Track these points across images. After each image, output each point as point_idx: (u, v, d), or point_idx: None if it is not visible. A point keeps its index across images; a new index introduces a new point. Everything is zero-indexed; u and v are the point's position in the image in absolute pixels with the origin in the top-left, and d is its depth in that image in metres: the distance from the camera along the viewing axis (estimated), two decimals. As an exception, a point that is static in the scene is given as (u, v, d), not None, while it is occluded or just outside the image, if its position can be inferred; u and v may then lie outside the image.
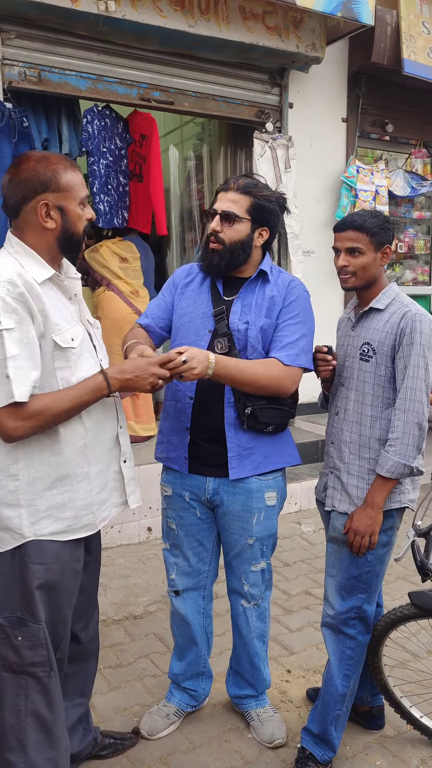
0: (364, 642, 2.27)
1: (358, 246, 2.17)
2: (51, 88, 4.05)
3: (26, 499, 1.78)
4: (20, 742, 1.82)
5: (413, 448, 2.11)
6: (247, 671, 2.49)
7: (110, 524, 4.10)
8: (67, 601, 1.90)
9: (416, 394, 2.11)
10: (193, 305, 2.29)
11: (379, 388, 2.19)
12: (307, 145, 5.29)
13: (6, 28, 3.83)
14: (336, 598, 2.25)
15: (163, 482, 2.42)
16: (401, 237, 6.18)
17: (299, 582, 3.73)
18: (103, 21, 3.92)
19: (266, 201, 2.19)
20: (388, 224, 2.21)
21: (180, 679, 2.52)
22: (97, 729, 2.32)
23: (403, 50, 4.99)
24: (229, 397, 2.20)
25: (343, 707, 2.27)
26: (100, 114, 4.68)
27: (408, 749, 2.41)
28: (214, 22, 4.25)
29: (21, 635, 1.80)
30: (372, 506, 2.15)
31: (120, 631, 3.18)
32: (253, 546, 2.33)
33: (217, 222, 2.18)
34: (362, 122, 5.62)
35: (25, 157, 1.81)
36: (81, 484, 1.86)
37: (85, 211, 1.85)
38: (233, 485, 2.26)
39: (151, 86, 4.44)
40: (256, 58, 4.69)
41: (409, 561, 2.21)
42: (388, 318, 2.19)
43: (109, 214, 4.83)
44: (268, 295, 2.24)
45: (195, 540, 2.38)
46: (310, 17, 4.60)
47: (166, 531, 2.45)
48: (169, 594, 2.49)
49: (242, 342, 2.20)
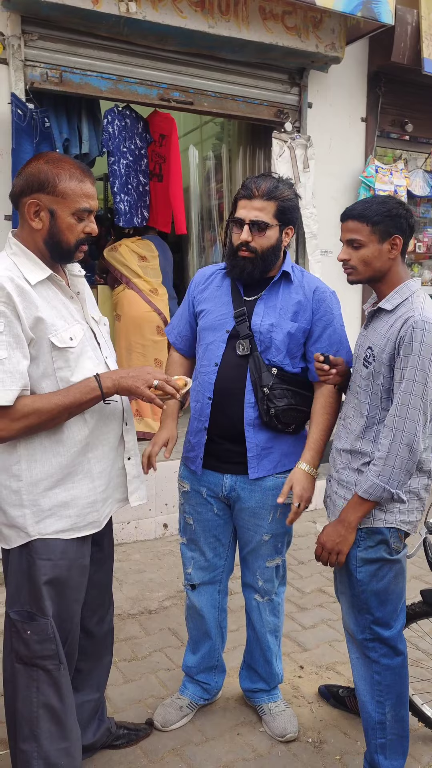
0: (392, 666, 2.08)
1: (356, 237, 1.99)
2: (72, 88, 4.09)
3: (29, 500, 1.80)
4: (33, 733, 1.85)
5: (399, 472, 1.89)
6: (259, 665, 2.51)
7: (126, 520, 4.14)
8: (74, 597, 1.92)
9: (409, 412, 1.88)
10: (213, 306, 2.31)
11: (377, 398, 2.00)
12: (326, 145, 5.29)
13: (29, 30, 3.87)
14: (350, 617, 2.13)
15: (181, 478, 2.46)
16: (420, 237, 6.14)
17: (313, 580, 3.74)
18: (124, 22, 3.96)
19: (289, 201, 2.20)
20: (399, 211, 1.98)
21: (193, 671, 2.55)
22: (111, 720, 2.36)
23: (424, 50, 4.96)
24: (249, 398, 2.21)
25: (386, 735, 2.09)
26: (121, 114, 4.72)
27: (419, 746, 2.42)
28: (234, 22, 4.27)
29: (30, 629, 1.83)
30: (343, 523, 1.98)
31: (135, 625, 3.22)
32: (269, 542, 2.35)
33: (247, 232, 2.16)
34: (382, 122, 5.60)
35: (42, 155, 1.82)
36: (84, 482, 1.87)
37: (82, 224, 1.81)
38: (250, 483, 2.28)
39: (171, 86, 4.47)
40: (276, 58, 4.70)
41: (422, 560, 2.21)
42: (393, 322, 1.97)
43: (129, 213, 4.87)
44: (294, 299, 2.25)
45: (212, 535, 2.41)
46: (329, 17, 4.59)
47: (183, 526, 2.49)
48: (186, 587, 2.55)
49: (265, 343, 2.21)
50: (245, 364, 2.22)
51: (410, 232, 2.01)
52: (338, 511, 2.08)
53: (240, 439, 2.25)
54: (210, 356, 2.27)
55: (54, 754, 1.87)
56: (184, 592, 2.56)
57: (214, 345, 2.26)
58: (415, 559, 2.12)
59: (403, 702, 2.11)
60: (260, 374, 2.19)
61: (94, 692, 2.22)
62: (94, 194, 1.83)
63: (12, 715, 1.89)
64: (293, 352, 2.26)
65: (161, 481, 4.11)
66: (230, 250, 2.26)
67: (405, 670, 2.11)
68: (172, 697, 2.58)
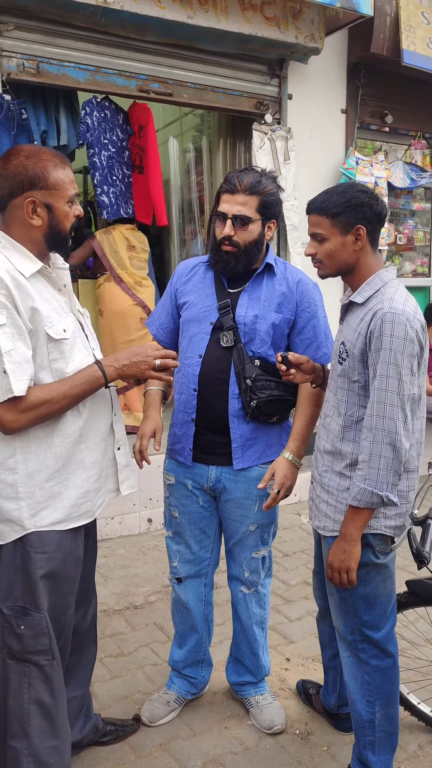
0: (381, 667, 2.04)
1: (318, 231, 1.93)
2: (49, 79, 4.04)
3: (25, 492, 1.80)
4: (24, 729, 1.84)
5: (386, 473, 1.80)
6: (246, 658, 2.51)
7: (111, 515, 4.12)
8: (69, 589, 1.93)
9: (386, 410, 1.78)
10: (196, 298, 2.31)
11: (354, 395, 1.92)
12: (307, 137, 5.28)
13: (4, 20, 3.81)
14: (339, 618, 2.08)
15: (166, 471, 2.45)
16: (401, 229, 6.17)
17: (298, 572, 3.75)
18: (101, 12, 3.91)
19: (271, 195, 2.20)
20: (361, 199, 1.89)
21: (180, 666, 2.54)
22: (98, 716, 2.35)
23: (403, 41, 4.97)
24: (233, 389, 2.22)
25: (375, 732, 2.07)
26: (100, 106, 4.66)
27: (405, 735, 2.44)
28: (213, 13, 4.23)
29: (24, 624, 1.82)
30: (345, 539, 1.89)
31: (121, 621, 3.20)
32: (255, 533, 2.36)
33: (230, 227, 2.17)
34: (362, 113, 5.60)
35: (16, 151, 1.80)
36: (77, 473, 1.88)
37: (73, 208, 1.84)
38: (235, 473, 2.29)
39: (149, 78, 4.43)
40: (255, 49, 4.68)
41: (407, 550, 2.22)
42: (363, 315, 1.88)
43: (115, 205, 4.82)
44: (278, 291, 2.27)
45: (197, 528, 2.41)
46: (308, 8, 4.58)
47: (168, 519, 2.48)
48: (171, 581, 2.53)
49: (249, 335, 2.22)
50: (229, 356, 2.23)
51: (377, 220, 1.92)
52: (321, 515, 2.04)
53: (225, 430, 2.26)
54: (194, 348, 2.27)
55: (44, 752, 1.86)
56: (170, 586, 2.56)
57: (198, 337, 2.26)
58: (400, 550, 2.12)
59: (392, 701, 2.09)
60: (243, 366, 2.20)
61: (80, 688, 2.21)
62: (74, 179, 1.87)
63: (2, 712, 1.88)
64: (277, 343, 2.27)
65: (145, 476, 4.10)
66: (213, 244, 2.25)
67: (395, 671, 2.08)
68: (159, 693, 2.56)
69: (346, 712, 2.41)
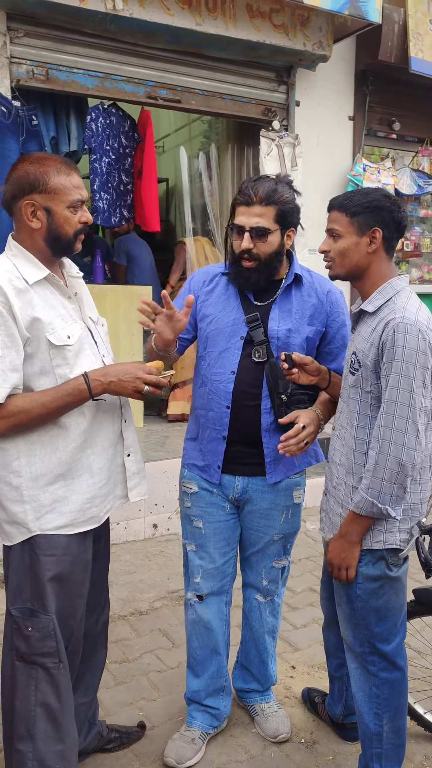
0: (390, 679, 2.00)
1: (335, 227, 1.90)
2: (59, 86, 4.06)
3: (29, 495, 1.81)
4: (29, 732, 1.84)
5: (390, 485, 1.77)
6: (254, 666, 2.49)
7: (116, 521, 4.11)
8: (77, 592, 1.93)
9: (396, 422, 1.75)
10: (221, 311, 2.20)
11: (366, 406, 1.89)
12: (314, 143, 5.29)
13: (14, 27, 3.84)
14: (347, 629, 2.04)
15: (187, 479, 2.33)
16: (408, 235, 6.17)
17: (304, 579, 3.74)
18: (110, 19, 3.94)
19: (288, 203, 2.12)
20: (383, 203, 1.87)
21: (201, 696, 2.39)
22: (102, 723, 2.34)
23: (411, 48, 4.98)
24: (266, 404, 2.17)
25: (383, 745, 2.03)
26: (106, 112, 4.70)
27: (412, 745, 2.42)
28: (222, 20, 4.25)
29: (31, 626, 1.83)
30: (344, 537, 1.90)
31: (125, 627, 3.20)
32: (278, 542, 2.32)
33: (248, 240, 2.08)
34: (369, 120, 5.61)
35: (24, 158, 1.86)
36: (83, 478, 1.88)
37: (78, 214, 1.84)
38: (263, 484, 2.24)
39: (158, 84, 4.45)
40: (263, 56, 4.70)
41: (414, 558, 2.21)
42: (375, 325, 1.85)
43: (108, 212, 4.85)
44: (308, 302, 2.21)
45: (222, 539, 2.31)
46: (317, 15, 4.59)
47: (190, 532, 2.34)
48: (190, 601, 2.37)
49: (283, 349, 2.15)
50: (261, 371, 2.16)
51: (396, 227, 1.90)
52: (335, 528, 2.00)
53: (255, 443, 2.20)
54: (225, 363, 2.18)
55: (49, 757, 1.86)
56: (179, 598, 2.53)
57: (229, 352, 2.17)
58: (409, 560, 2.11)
59: (401, 714, 2.04)
60: (276, 381, 2.13)
61: (87, 694, 2.21)
62: (82, 185, 1.87)
63: (9, 714, 1.88)
64: (309, 355, 2.21)
65: (151, 482, 4.07)
66: (232, 258, 2.17)
67: (404, 684, 2.04)
68: (181, 731, 2.39)
69: (351, 722, 2.38)
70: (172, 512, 4.27)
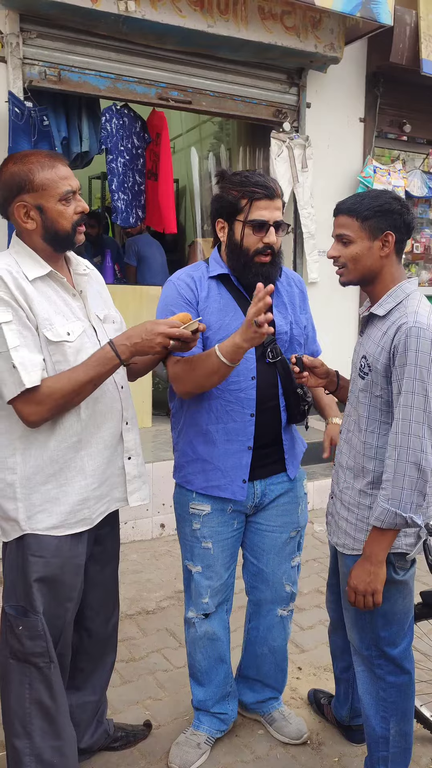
0: (397, 683, 1.99)
1: (345, 233, 1.86)
2: (71, 87, 4.09)
3: (22, 493, 1.81)
4: (25, 729, 1.85)
5: (410, 493, 1.73)
6: (270, 677, 2.44)
7: (124, 520, 4.13)
8: (67, 596, 1.91)
9: (411, 427, 1.73)
10: (224, 317, 2.09)
11: (376, 411, 1.87)
12: (325, 145, 5.29)
13: (27, 28, 3.87)
14: (355, 633, 2.03)
15: (197, 502, 2.20)
16: (417, 237, 6.16)
17: (311, 580, 3.74)
18: (123, 21, 3.96)
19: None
20: (393, 206, 1.85)
21: (209, 704, 2.35)
22: (110, 721, 2.35)
23: (422, 50, 4.97)
24: (282, 402, 2.15)
25: (389, 749, 2.01)
26: (119, 113, 4.72)
27: (418, 748, 2.42)
28: (233, 22, 4.26)
29: (22, 625, 1.83)
30: (369, 560, 1.82)
31: (133, 626, 3.21)
32: (294, 538, 2.31)
33: (273, 234, 2.01)
34: (380, 122, 5.61)
35: (8, 158, 1.82)
36: (75, 479, 1.86)
37: (72, 205, 1.80)
38: (281, 480, 2.23)
39: (169, 86, 4.47)
40: (275, 58, 4.70)
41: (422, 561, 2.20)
42: (386, 329, 1.83)
43: (125, 212, 4.88)
44: (292, 292, 2.22)
45: (228, 554, 2.25)
46: (328, 17, 4.60)
47: (198, 554, 2.23)
48: (193, 620, 2.29)
49: (288, 342, 2.15)
50: (274, 370, 2.14)
51: (406, 230, 1.87)
52: (341, 532, 1.98)
53: (272, 442, 2.18)
54: (241, 371, 2.07)
55: (47, 752, 1.87)
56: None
57: (244, 358, 2.04)
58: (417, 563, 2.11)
59: (408, 718, 2.02)
60: (291, 377, 2.12)
61: (95, 693, 2.21)
62: (70, 174, 1.82)
63: (6, 712, 1.90)
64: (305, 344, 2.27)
65: (159, 481, 4.10)
66: (246, 257, 2.05)
67: (411, 688, 2.02)
68: (186, 734, 2.35)
69: (358, 724, 2.38)
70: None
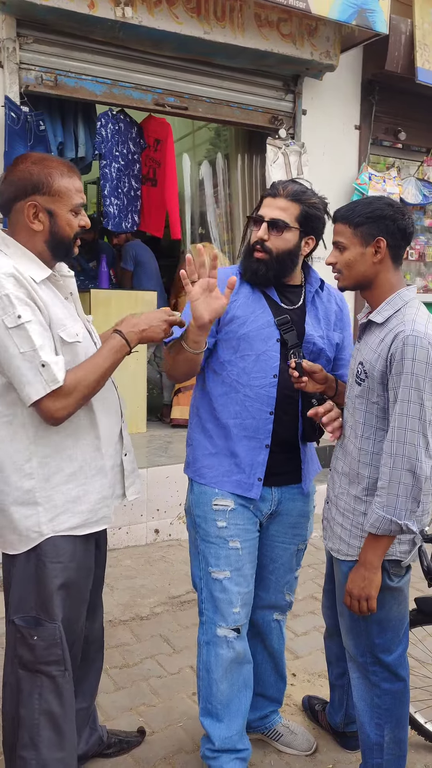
0: (392, 690, 1.99)
1: (340, 240, 1.89)
2: (67, 92, 4.09)
3: (43, 497, 1.80)
4: (33, 740, 1.84)
5: (405, 501, 1.75)
6: (271, 688, 2.40)
7: (118, 525, 4.12)
8: (82, 598, 1.93)
9: (407, 435, 1.74)
10: (252, 313, 2.07)
11: (372, 417, 1.87)
12: (320, 152, 5.32)
13: (24, 33, 3.87)
14: (349, 639, 2.03)
15: (220, 497, 2.10)
16: (412, 244, 6.19)
17: (306, 587, 3.73)
18: (119, 27, 3.97)
19: (315, 209, 2.04)
20: (386, 212, 1.85)
21: (234, 741, 2.14)
22: (103, 728, 2.34)
23: (417, 59, 5.01)
24: (300, 408, 2.13)
25: (383, 756, 2.01)
26: (114, 118, 4.73)
27: (412, 755, 2.41)
28: (230, 29, 4.28)
29: (37, 635, 1.81)
30: (365, 566, 1.84)
31: (126, 632, 3.19)
32: (300, 551, 2.29)
33: (264, 230, 2.01)
34: (375, 130, 5.64)
35: (24, 157, 1.81)
36: (96, 478, 1.88)
37: (78, 218, 1.83)
38: (295, 492, 2.20)
39: (165, 92, 4.48)
40: (271, 65, 4.73)
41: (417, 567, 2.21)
42: (384, 336, 1.83)
43: (118, 217, 4.88)
44: (331, 309, 2.19)
45: (254, 558, 2.16)
46: (324, 25, 4.63)
47: (225, 556, 2.09)
48: (226, 639, 2.09)
49: (315, 354, 2.12)
50: None
51: (401, 235, 1.87)
52: (336, 538, 1.99)
53: (291, 449, 2.15)
54: (264, 367, 2.06)
55: (52, 764, 1.85)
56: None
57: (267, 355, 2.05)
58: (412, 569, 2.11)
59: (402, 725, 2.02)
60: None
61: (87, 700, 2.20)
62: (82, 188, 1.86)
63: (11, 721, 1.88)
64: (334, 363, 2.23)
65: (153, 487, 4.10)
66: (246, 250, 2.10)
67: (406, 695, 2.02)
68: None
69: (352, 731, 2.38)
70: (174, 518, 4.27)
